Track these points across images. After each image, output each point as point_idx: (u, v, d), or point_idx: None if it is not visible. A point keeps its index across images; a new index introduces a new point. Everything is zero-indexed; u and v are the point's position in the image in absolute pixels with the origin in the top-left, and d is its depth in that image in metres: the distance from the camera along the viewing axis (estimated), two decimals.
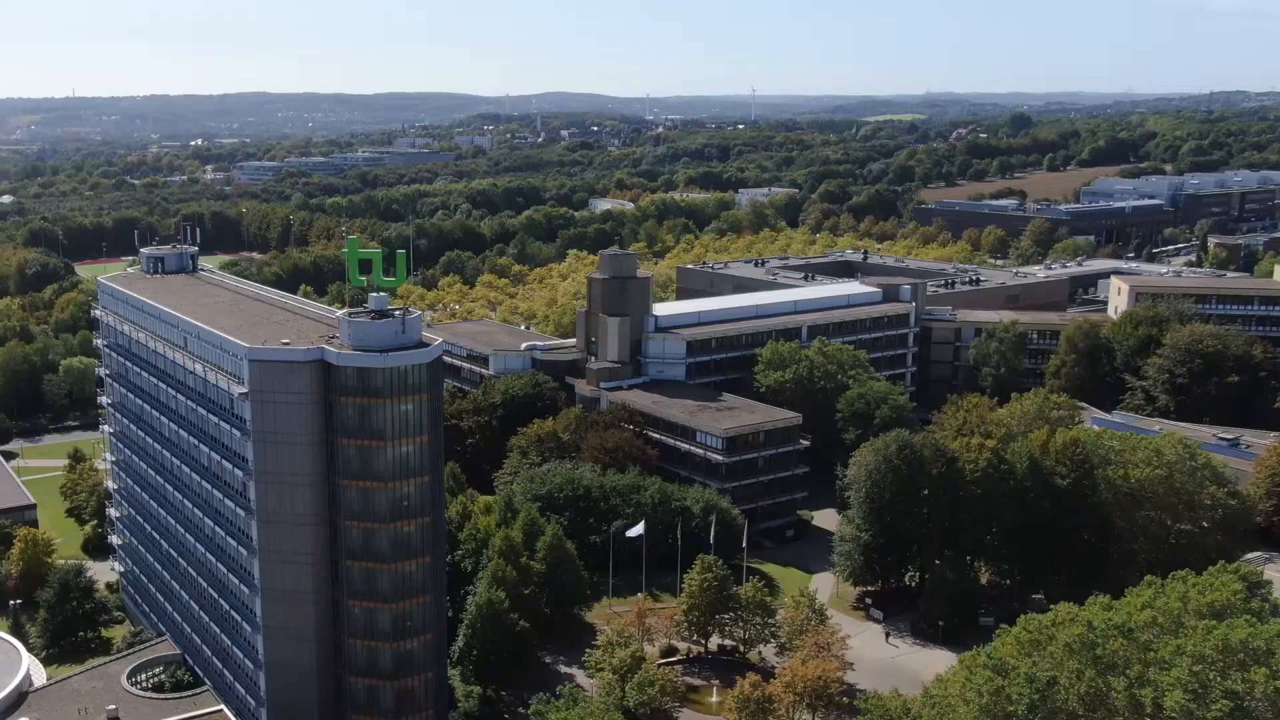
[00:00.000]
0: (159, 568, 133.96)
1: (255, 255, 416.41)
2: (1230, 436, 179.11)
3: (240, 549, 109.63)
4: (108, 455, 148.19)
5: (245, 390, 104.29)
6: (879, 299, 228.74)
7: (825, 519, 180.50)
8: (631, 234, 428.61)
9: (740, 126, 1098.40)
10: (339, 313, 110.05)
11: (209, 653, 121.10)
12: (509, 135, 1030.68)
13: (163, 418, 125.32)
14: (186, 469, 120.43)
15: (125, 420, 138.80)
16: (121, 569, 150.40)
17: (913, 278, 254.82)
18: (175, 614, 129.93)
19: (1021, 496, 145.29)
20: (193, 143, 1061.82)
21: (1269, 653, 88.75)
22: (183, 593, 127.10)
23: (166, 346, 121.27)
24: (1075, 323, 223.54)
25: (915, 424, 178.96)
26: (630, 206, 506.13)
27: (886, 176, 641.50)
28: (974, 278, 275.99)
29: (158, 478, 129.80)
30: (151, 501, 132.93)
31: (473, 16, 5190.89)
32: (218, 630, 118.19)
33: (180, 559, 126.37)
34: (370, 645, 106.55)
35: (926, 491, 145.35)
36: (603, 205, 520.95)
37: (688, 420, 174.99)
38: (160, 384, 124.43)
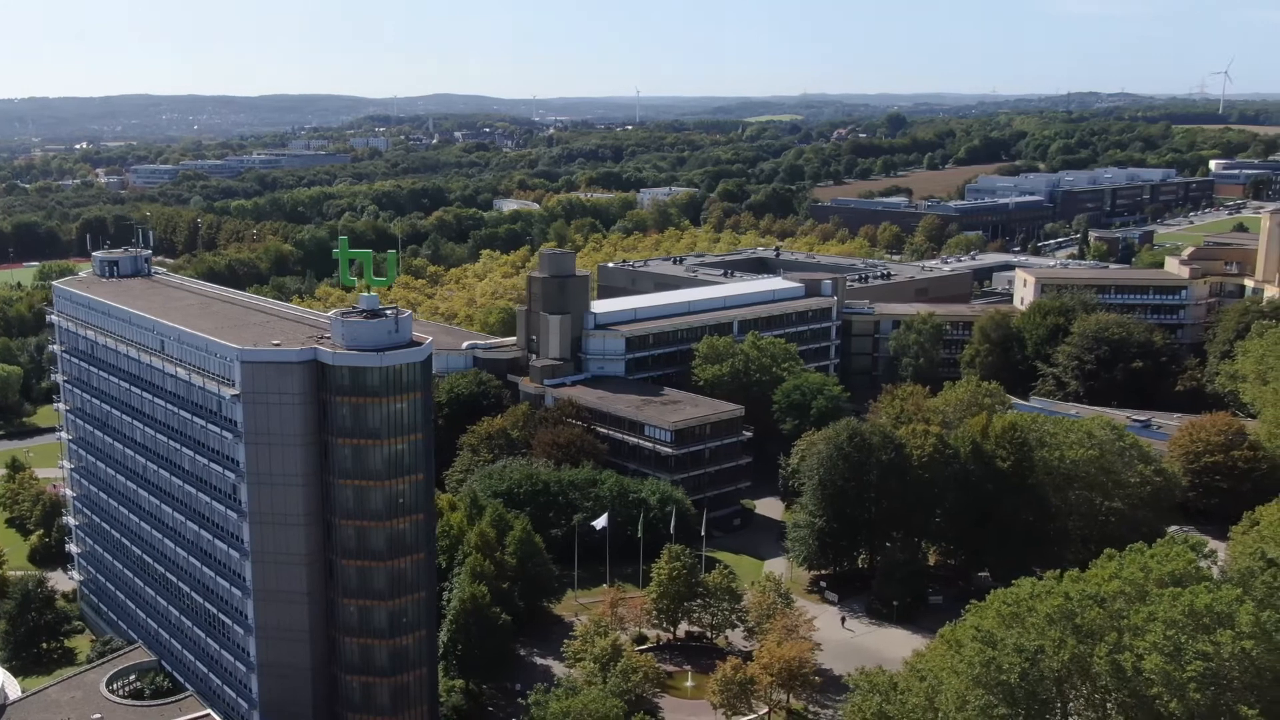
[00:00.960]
0: (129, 574, 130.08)
1: (167, 260, 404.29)
2: (1143, 418, 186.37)
3: (231, 551, 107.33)
4: (65, 462, 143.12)
5: (237, 392, 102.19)
6: (802, 294, 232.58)
7: (766, 507, 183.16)
8: (541, 234, 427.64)
9: (629, 127, 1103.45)
10: (330, 313, 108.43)
11: (191, 657, 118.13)
12: (403, 137, 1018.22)
13: (135, 422, 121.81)
14: (165, 473, 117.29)
15: (88, 426, 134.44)
16: (81, 578, 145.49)
17: (825, 273, 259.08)
18: (149, 620, 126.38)
19: (965, 479, 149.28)
20: (77, 146, 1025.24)
21: (1230, 616, 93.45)
22: (158, 598, 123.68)
23: (139, 350, 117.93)
24: (988, 314, 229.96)
25: (850, 414, 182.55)
26: (536, 207, 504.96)
27: (778, 176, 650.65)
28: (885, 272, 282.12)
29: (127, 483, 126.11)
30: (120, 507, 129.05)
31: (355, 18, 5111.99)
32: (203, 635, 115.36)
33: (155, 564, 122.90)
34: (365, 643, 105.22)
35: (875, 477, 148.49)
36: (508, 205, 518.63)
37: (635, 414, 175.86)
38: (132, 388, 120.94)
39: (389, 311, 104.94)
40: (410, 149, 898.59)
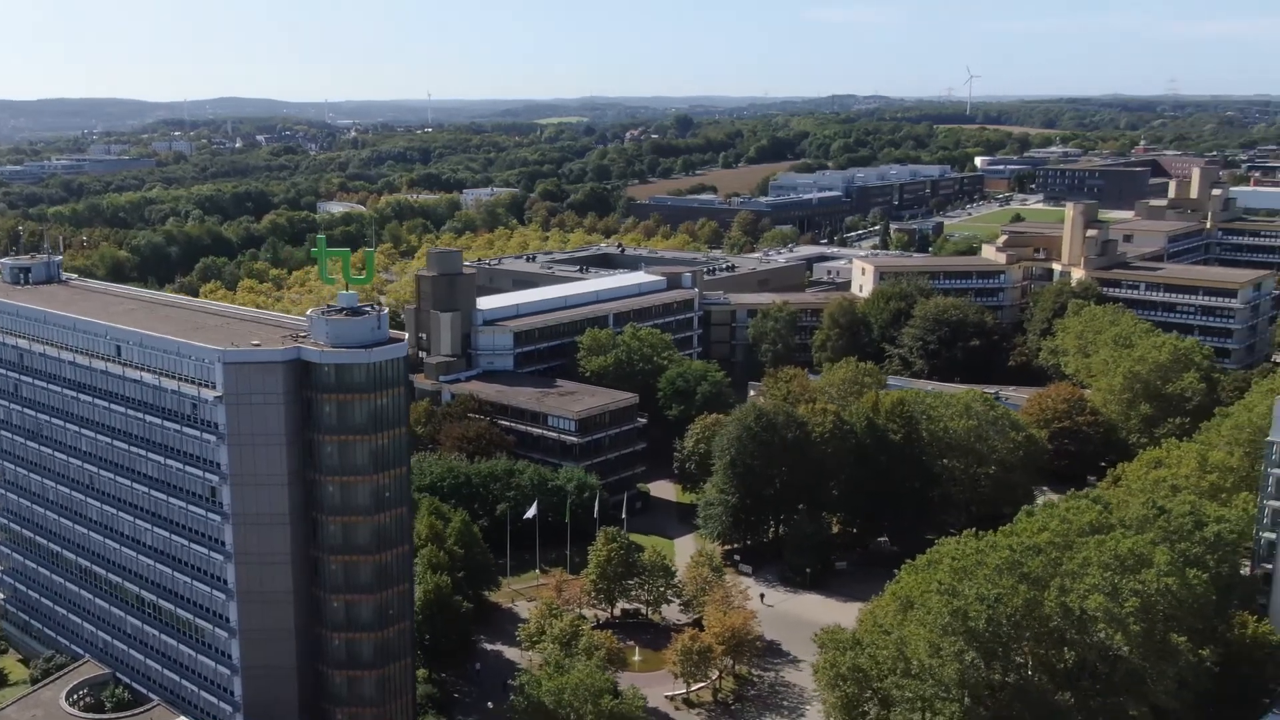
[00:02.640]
0: (71, 587, 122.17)
1: None
2: (992, 391, 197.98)
3: (212, 555, 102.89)
4: None
5: (219, 394, 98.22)
6: (665, 287, 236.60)
7: (660, 490, 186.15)
8: (376, 235, 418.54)
9: (429, 130, 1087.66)
10: (309, 311, 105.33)
11: (157, 666, 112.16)
12: (205, 141, 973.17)
13: (81, 430, 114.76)
14: (122, 480, 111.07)
15: (14, 437, 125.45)
16: (3, 595, 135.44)
17: (668, 266, 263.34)
18: (98, 632, 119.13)
19: (860, 453, 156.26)
20: None
21: (1149, 558, 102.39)
22: (111, 609, 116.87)
23: (89, 357, 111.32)
24: (835, 301, 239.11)
25: (733, 398, 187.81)
26: (363, 208, 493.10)
27: (587, 175, 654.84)
28: (729, 265, 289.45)
29: (71, 493, 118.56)
30: (59, 519, 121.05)
31: (131, 18, 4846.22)
32: (172, 641, 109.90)
33: (108, 574, 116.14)
34: (352, 638, 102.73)
35: (781, 454, 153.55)
36: (335, 208, 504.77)
37: (538, 406, 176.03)
38: (79, 396, 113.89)
39: (370, 309, 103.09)
40: (215, 153, 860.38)
